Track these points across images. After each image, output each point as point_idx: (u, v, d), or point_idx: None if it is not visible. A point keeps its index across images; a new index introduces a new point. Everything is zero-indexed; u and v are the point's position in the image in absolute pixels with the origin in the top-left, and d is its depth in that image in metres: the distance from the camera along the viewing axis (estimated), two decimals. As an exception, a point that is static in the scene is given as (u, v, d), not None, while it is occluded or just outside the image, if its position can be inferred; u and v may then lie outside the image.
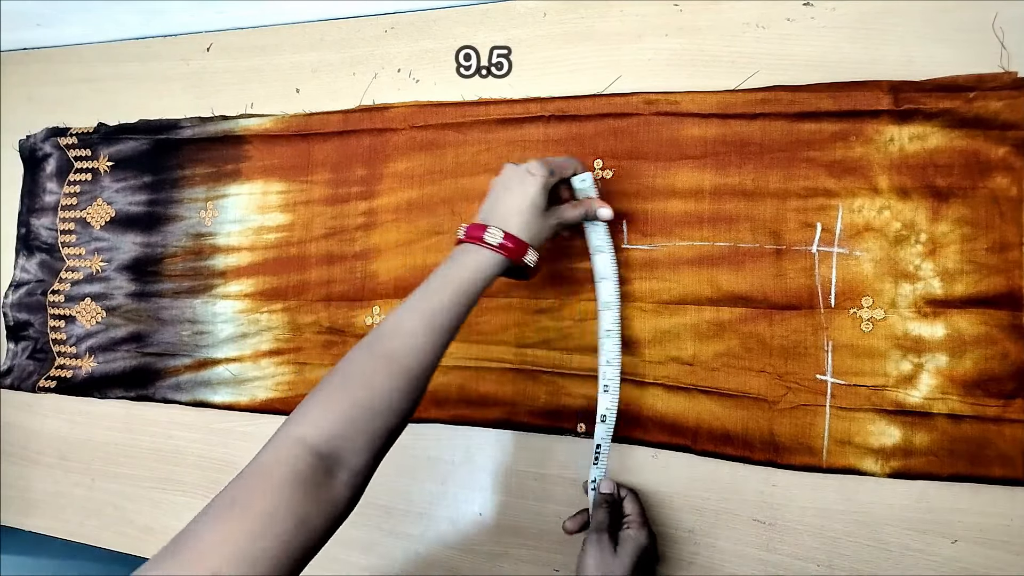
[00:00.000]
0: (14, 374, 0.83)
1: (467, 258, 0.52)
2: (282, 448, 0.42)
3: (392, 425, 0.46)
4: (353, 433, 0.44)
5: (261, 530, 0.38)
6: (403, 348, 0.47)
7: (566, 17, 0.67)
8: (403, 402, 0.47)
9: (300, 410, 0.45)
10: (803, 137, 0.58)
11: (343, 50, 0.74)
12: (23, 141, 0.86)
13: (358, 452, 0.44)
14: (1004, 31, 0.54)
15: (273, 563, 0.38)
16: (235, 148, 0.77)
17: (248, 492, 0.40)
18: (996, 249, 0.54)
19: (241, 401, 0.74)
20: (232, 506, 0.39)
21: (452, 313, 0.50)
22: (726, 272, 0.60)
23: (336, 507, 0.43)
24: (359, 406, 0.45)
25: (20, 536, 0.83)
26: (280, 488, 0.40)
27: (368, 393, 0.45)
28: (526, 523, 0.64)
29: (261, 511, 0.39)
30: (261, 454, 0.42)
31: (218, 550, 0.37)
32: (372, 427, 0.45)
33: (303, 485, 0.41)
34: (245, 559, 0.37)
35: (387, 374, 0.46)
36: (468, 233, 0.53)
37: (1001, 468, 0.52)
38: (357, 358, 0.47)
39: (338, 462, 0.43)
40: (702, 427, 0.59)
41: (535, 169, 0.54)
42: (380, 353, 0.47)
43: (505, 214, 0.54)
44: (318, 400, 0.45)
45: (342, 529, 0.68)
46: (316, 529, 0.41)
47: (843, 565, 0.56)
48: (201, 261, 0.77)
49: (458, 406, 0.66)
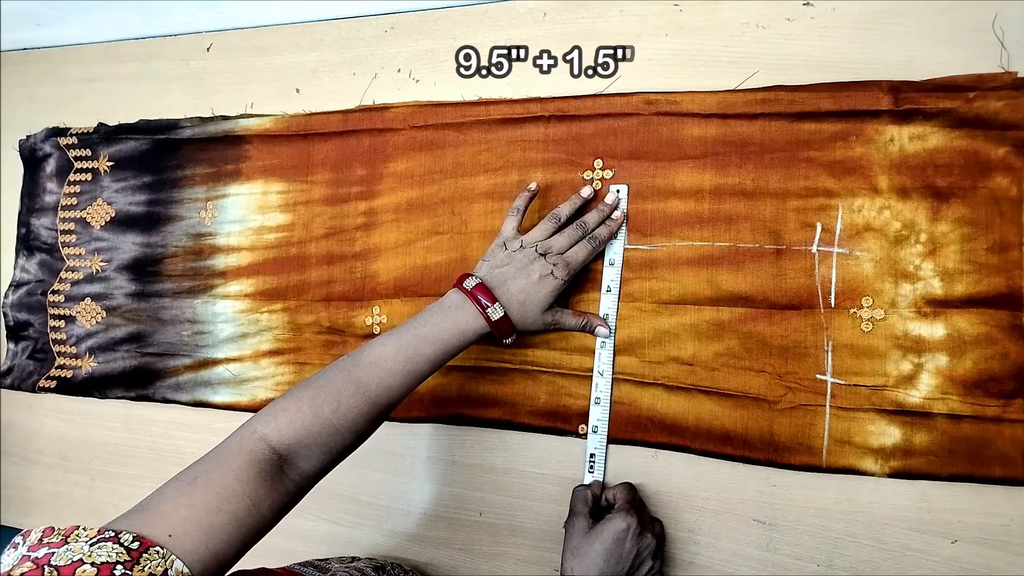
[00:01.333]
0: (14, 374, 0.83)
1: (462, 318, 0.55)
2: (246, 440, 0.47)
3: (348, 442, 0.51)
4: (312, 443, 0.49)
5: (218, 504, 0.42)
6: (377, 381, 0.52)
7: (566, 17, 0.67)
8: (364, 425, 0.51)
9: (270, 410, 0.49)
10: (803, 137, 0.58)
11: (343, 50, 0.74)
12: (23, 141, 0.86)
13: (311, 460, 0.49)
14: (1004, 31, 0.54)
15: (225, 536, 0.41)
16: (235, 148, 0.77)
17: (210, 470, 0.45)
18: (996, 249, 0.54)
19: (241, 401, 0.74)
20: (195, 480, 0.44)
21: (431, 364, 0.54)
22: (726, 272, 0.60)
23: (283, 499, 0.47)
24: (322, 421, 0.49)
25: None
26: (239, 471, 0.45)
27: (334, 413, 0.50)
28: (526, 523, 0.64)
29: (221, 487, 0.43)
30: (226, 441, 0.47)
31: (177, 514, 0.41)
32: (330, 442, 0.50)
33: (260, 473, 0.45)
34: (201, 527, 0.40)
35: (356, 399, 0.51)
36: (475, 291, 0.56)
37: (1001, 468, 0.52)
38: (333, 377, 0.52)
39: (292, 464, 0.48)
40: (702, 427, 0.59)
41: (560, 273, 0.57)
42: (355, 379, 0.51)
43: (513, 295, 0.56)
44: (287, 406, 0.49)
45: (342, 529, 0.68)
46: (264, 515, 0.45)
47: (843, 565, 0.56)
48: (201, 261, 0.77)
49: (458, 406, 0.66)
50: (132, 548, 0.36)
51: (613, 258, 0.62)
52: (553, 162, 0.65)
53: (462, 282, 0.57)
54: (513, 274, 0.57)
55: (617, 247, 0.62)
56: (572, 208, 0.61)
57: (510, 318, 0.56)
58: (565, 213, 0.60)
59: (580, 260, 0.58)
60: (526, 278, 0.56)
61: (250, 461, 0.45)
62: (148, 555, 0.36)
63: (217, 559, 0.40)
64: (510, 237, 0.59)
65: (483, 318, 0.55)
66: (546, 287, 0.56)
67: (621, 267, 0.62)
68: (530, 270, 0.57)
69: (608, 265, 0.62)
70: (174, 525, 0.39)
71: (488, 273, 0.58)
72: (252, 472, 0.45)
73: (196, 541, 0.39)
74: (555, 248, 0.58)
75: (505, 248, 0.59)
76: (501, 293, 0.56)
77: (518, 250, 0.58)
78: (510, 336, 0.58)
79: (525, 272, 0.57)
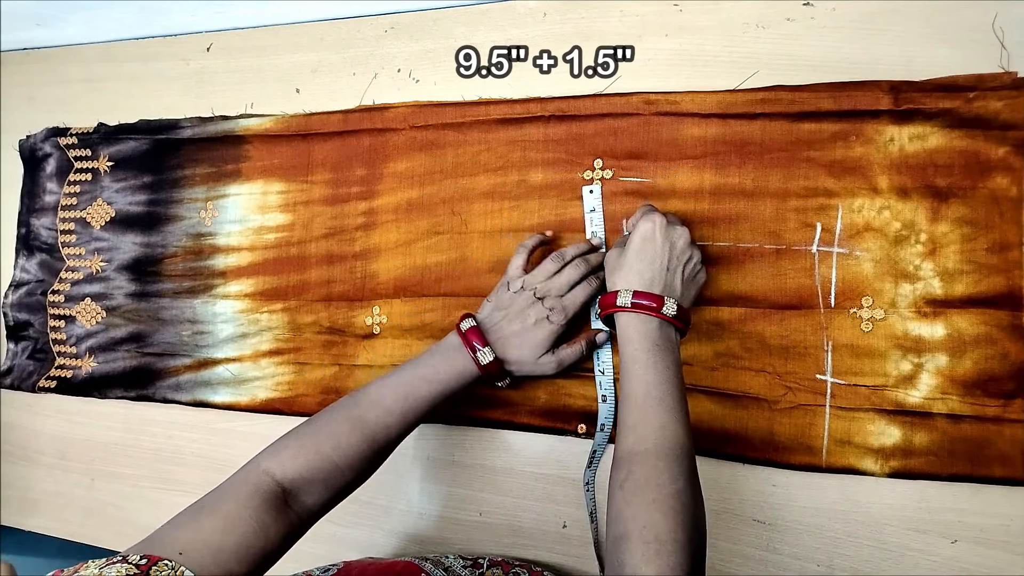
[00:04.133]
0: (14, 374, 0.83)
1: (458, 361, 0.56)
2: (251, 473, 0.49)
3: (349, 479, 0.52)
4: (313, 478, 0.50)
5: (225, 527, 0.43)
6: (376, 421, 0.53)
7: (566, 17, 0.67)
8: (364, 464, 0.53)
9: (273, 447, 0.51)
10: (803, 137, 0.58)
11: (343, 50, 0.74)
12: (23, 141, 0.86)
13: (313, 495, 0.50)
14: (1004, 31, 0.54)
15: (235, 557, 0.42)
16: (235, 148, 0.77)
17: (216, 499, 0.46)
18: (996, 249, 0.54)
19: (241, 401, 0.74)
20: (201, 508, 0.45)
21: (429, 403, 0.55)
22: (726, 272, 0.60)
23: (291, 527, 0.48)
24: (323, 458, 0.51)
25: (20, 536, 0.84)
26: (245, 499, 0.46)
27: (334, 451, 0.51)
28: (526, 523, 0.64)
29: (227, 512, 0.45)
30: (231, 477, 0.49)
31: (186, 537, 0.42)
32: (331, 478, 0.51)
33: (264, 502, 0.47)
34: (210, 547, 0.42)
35: (356, 438, 0.52)
36: (467, 336, 0.56)
37: (1001, 468, 0.52)
38: (334, 416, 0.53)
39: (295, 498, 0.50)
40: (702, 427, 0.59)
41: (556, 318, 0.57)
42: (355, 417, 0.53)
43: (506, 341, 0.57)
44: (289, 443, 0.51)
45: (342, 530, 0.68)
46: (273, 540, 0.46)
47: (843, 565, 0.56)
48: (201, 261, 0.77)
49: (458, 406, 0.66)
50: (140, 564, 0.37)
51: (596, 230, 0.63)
52: (553, 162, 0.65)
53: (462, 321, 0.57)
54: (510, 320, 0.57)
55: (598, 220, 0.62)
56: (578, 251, 0.60)
57: (501, 362, 0.56)
58: (570, 255, 0.59)
59: (578, 303, 0.57)
60: (521, 323, 0.56)
61: (255, 491, 0.47)
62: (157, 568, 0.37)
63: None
64: (514, 277, 0.59)
65: (473, 362, 0.55)
66: (541, 333, 0.56)
67: None
68: (526, 315, 0.57)
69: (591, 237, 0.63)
70: (184, 545, 0.41)
71: (488, 316, 0.58)
72: (257, 500, 0.46)
73: (206, 558, 0.40)
74: (554, 291, 0.57)
75: (508, 288, 0.58)
76: (496, 338, 0.56)
77: (518, 291, 0.58)
78: (502, 380, 0.58)
79: (521, 317, 0.57)
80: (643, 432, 0.47)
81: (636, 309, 0.52)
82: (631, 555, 0.41)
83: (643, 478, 0.45)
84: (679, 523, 0.42)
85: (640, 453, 0.46)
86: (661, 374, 0.49)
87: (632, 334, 0.51)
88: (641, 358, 0.50)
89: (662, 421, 0.47)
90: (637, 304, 0.51)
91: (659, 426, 0.47)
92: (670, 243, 0.53)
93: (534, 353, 0.57)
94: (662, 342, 0.51)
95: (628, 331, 0.52)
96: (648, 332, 0.51)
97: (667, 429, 0.47)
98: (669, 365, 0.50)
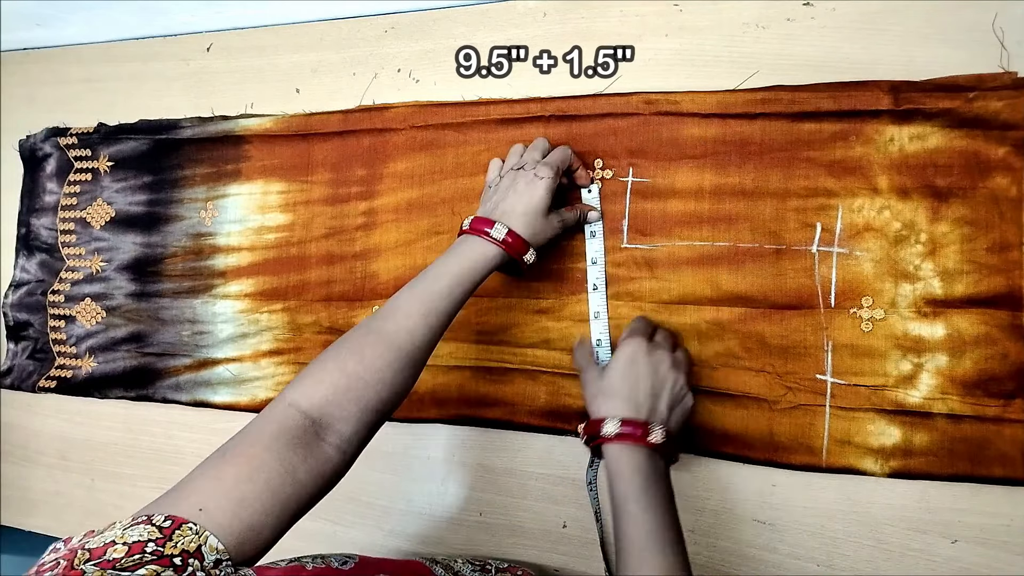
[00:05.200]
0: (14, 374, 0.83)
1: (469, 249, 0.54)
2: (275, 410, 0.45)
3: (383, 396, 0.48)
4: (342, 400, 0.46)
5: (249, 474, 0.40)
6: (397, 328, 0.49)
7: (566, 17, 0.67)
8: (394, 376, 0.48)
9: (296, 380, 0.47)
10: (803, 137, 0.58)
11: (343, 50, 0.74)
12: (23, 141, 0.86)
13: (347, 420, 0.46)
14: (1004, 31, 0.54)
15: (259, 506, 0.39)
16: (235, 148, 0.77)
17: (238, 444, 0.43)
18: (996, 249, 0.54)
19: (241, 401, 0.74)
20: (224, 455, 0.42)
21: (449, 299, 0.52)
22: (726, 272, 0.60)
23: (324, 465, 0.44)
24: (349, 375, 0.47)
25: (20, 536, 0.84)
26: (265, 440, 0.42)
27: (359, 365, 0.47)
28: (526, 523, 0.64)
29: (250, 457, 0.41)
30: (255, 418, 0.45)
31: (205, 489, 0.39)
32: (362, 396, 0.47)
33: (289, 439, 0.43)
34: (232, 498, 0.39)
35: (379, 348, 0.48)
36: (472, 226, 0.55)
37: (1001, 468, 0.52)
38: (353, 335, 0.49)
39: (326, 426, 0.45)
40: (702, 427, 0.59)
41: (543, 172, 0.56)
42: (375, 330, 0.49)
43: (510, 212, 0.56)
44: (312, 370, 0.47)
45: (342, 530, 0.68)
46: (304, 483, 0.42)
47: (843, 565, 0.56)
48: (201, 261, 0.77)
49: (458, 406, 0.66)
50: (164, 527, 0.36)
51: (595, 257, 0.63)
52: (553, 162, 0.65)
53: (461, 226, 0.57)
54: (503, 196, 0.57)
55: (597, 245, 0.63)
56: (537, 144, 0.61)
57: (517, 234, 0.55)
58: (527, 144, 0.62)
59: (556, 160, 0.58)
60: (515, 193, 0.56)
61: (280, 430, 0.43)
62: (181, 531, 0.36)
63: (253, 530, 0.39)
64: (492, 178, 0.61)
65: (490, 241, 0.54)
66: (537, 191, 0.56)
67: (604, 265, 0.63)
68: (515, 186, 0.57)
69: (591, 264, 0.63)
70: (204, 499, 0.38)
71: (482, 209, 0.58)
72: (282, 440, 0.43)
73: (228, 513, 0.38)
74: (528, 159, 0.58)
75: (489, 187, 0.60)
76: (499, 215, 0.56)
77: (499, 181, 0.59)
78: (527, 252, 0.56)
79: (512, 189, 0.57)
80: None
81: (623, 439, 0.50)
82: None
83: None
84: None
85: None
86: (659, 517, 0.48)
87: (623, 468, 0.50)
88: (634, 496, 0.48)
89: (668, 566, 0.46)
90: (623, 434, 0.50)
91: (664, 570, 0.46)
92: (653, 367, 0.53)
93: (538, 212, 0.56)
94: (654, 475, 0.49)
95: (618, 465, 0.50)
96: (639, 465, 0.49)
97: None
98: (664, 503, 0.49)
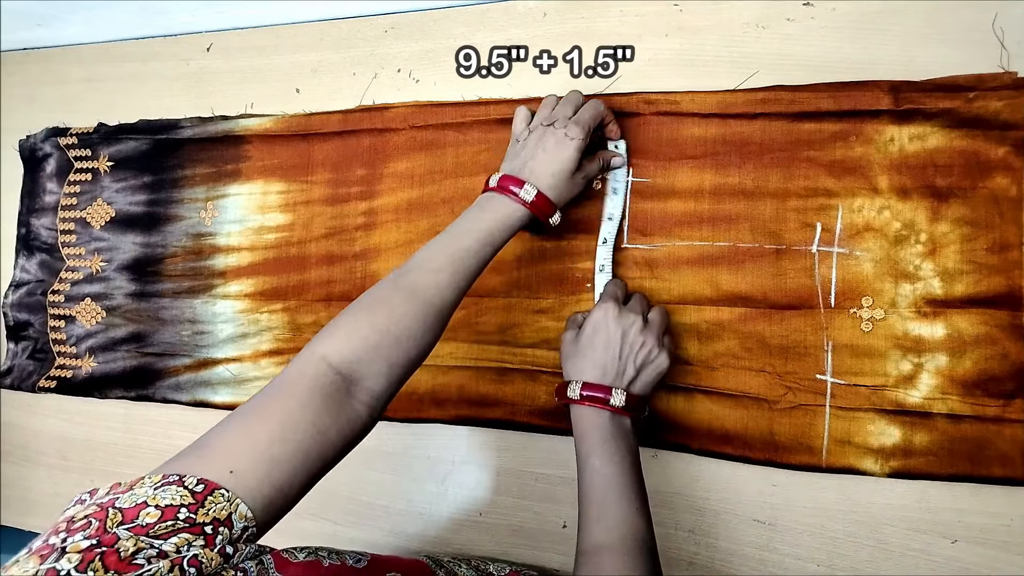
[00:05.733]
0: (14, 374, 0.83)
1: (497, 208, 0.54)
2: (306, 364, 0.44)
3: (412, 354, 0.48)
4: (373, 357, 0.46)
5: (280, 434, 0.40)
6: (426, 283, 0.49)
7: (566, 17, 0.67)
8: (423, 332, 0.48)
9: (325, 332, 0.46)
10: (803, 137, 0.58)
11: (343, 50, 0.74)
12: (23, 141, 0.86)
13: (377, 376, 0.46)
14: (1004, 31, 0.54)
15: (289, 467, 0.39)
16: (235, 148, 0.77)
17: (269, 400, 0.42)
18: (996, 249, 0.54)
19: (241, 401, 0.74)
20: (253, 411, 0.41)
21: (477, 257, 0.51)
22: (726, 272, 0.60)
23: (353, 424, 0.44)
24: (380, 331, 0.46)
25: (20, 536, 0.83)
26: (300, 397, 0.42)
27: (389, 321, 0.47)
28: (526, 523, 0.64)
29: (281, 417, 0.41)
30: (286, 370, 0.44)
31: (237, 448, 0.38)
32: (392, 353, 0.46)
33: (323, 398, 0.42)
34: (263, 459, 0.38)
35: (409, 304, 0.48)
36: (500, 183, 0.55)
37: (1001, 468, 0.52)
38: (382, 288, 0.49)
39: (357, 383, 0.45)
40: (702, 427, 0.59)
41: (573, 132, 0.55)
42: (404, 285, 0.49)
43: (539, 173, 0.55)
44: (341, 324, 0.47)
45: (342, 530, 0.68)
46: (333, 442, 0.42)
47: (843, 565, 0.56)
48: (201, 261, 0.77)
49: (458, 406, 0.66)
50: (196, 491, 0.35)
51: (616, 186, 0.62)
52: (553, 162, 0.65)
53: (487, 184, 0.56)
54: (531, 154, 0.56)
55: (618, 202, 0.62)
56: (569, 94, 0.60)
57: (545, 195, 0.54)
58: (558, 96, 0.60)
59: (588, 118, 0.57)
60: (544, 151, 0.55)
61: (313, 387, 0.43)
62: (213, 498, 0.35)
63: (282, 492, 0.39)
64: (520, 130, 0.59)
65: (518, 202, 0.54)
66: (566, 151, 0.55)
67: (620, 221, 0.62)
68: (544, 143, 0.56)
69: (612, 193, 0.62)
70: (236, 460, 0.38)
71: (510, 164, 0.57)
72: (317, 399, 0.42)
73: (259, 476, 0.38)
74: (560, 115, 0.57)
75: (517, 141, 0.59)
76: (527, 175, 0.55)
77: (527, 136, 0.58)
78: (553, 214, 0.56)
79: (541, 146, 0.56)
80: (607, 529, 0.47)
81: (585, 402, 0.52)
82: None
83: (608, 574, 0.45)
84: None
85: (605, 549, 0.46)
86: (618, 466, 0.49)
87: (585, 426, 0.52)
88: (596, 450, 0.50)
89: (624, 515, 0.48)
90: (585, 397, 0.52)
91: (621, 520, 0.47)
92: (622, 331, 0.53)
93: (567, 174, 0.55)
94: (616, 432, 0.51)
95: (581, 423, 0.53)
96: (601, 424, 0.52)
97: (630, 523, 0.47)
98: (625, 455, 0.50)
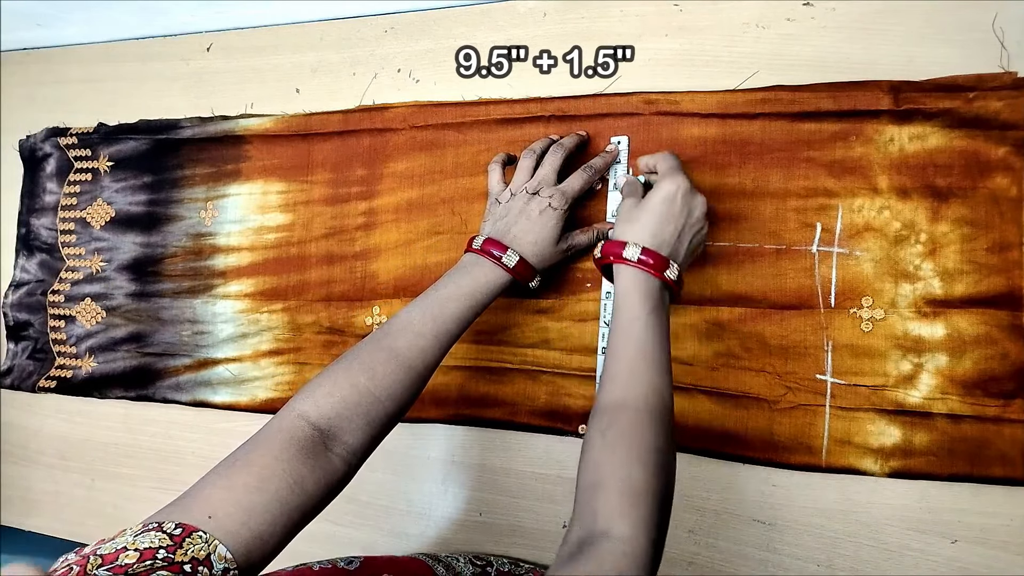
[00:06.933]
0: (14, 374, 0.83)
1: (480, 273, 0.55)
2: (285, 420, 0.46)
3: (391, 413, 0.50)
4: (352, 414, 0.48)
5: (258, 484, 0.41)
6: (409, 346, 0.51)
7: (566, 17, 0.67)
8: (403, 393, 0.50)
9: (306, 389, 0.48)
10: (803, 137, 0.58)
11: (343, 50, 0.74)
12: (23, 141, 0.86)
13: (355, 432, 0.48)
14: (1004, 31, 0.54)
15: (268, 516, 0.41)
16: (235, 148, 0.77)
17: (247, 453, 0.44)
18: (996, 249, 0.54)
19: (241, 401, 0.74)
20: (233, 463, 0.43)
21: (460, 321, 0.53)
22: (726, 272, 0.60)
23: (330, 476, 0.46)
24: (360, 391, 0.48)
25: (20, 536, 0.83)
26: (279, 450, 0.44)
27: (370, 381, 0.49)
28: (526, 523, 0.64)
29: (260, 467, 0.42)
30: (265, 425, 0.46)
31: (215, 497, 0.40)
32: (371, 411, 0.48)
33: (299, 450, 0.44)
34: (241, 507, 0.40)
35: (390, 366, 0.50)
36: (484, 247, 0.56)
37: (1001, 468, 0.52)
38: (364, 348, 0.51)
39: (335, 438, 0.47)
40: (702, 427, 0.59)
41: (557, 203, 0.57)
42: (387, 347, 0.51)
43: (521, 239, 0.57)
44: (322, 382, 0.49)
45: (343, 530, 0.68)
46: (311, 493, 0.44)
47: (843, 565, 0.56)
48: (201, 261, 0.77)
49: (458, 406, 0.66)
50: (175, 534, 0.37)
51: (618, 182, 0.61)
52: (553, 162, 0.65)
53: (471, 244, 0.58)
54: (515, 220, 0.57)
55: (621, 174, 0.62)
56: (545, 143, 0.62)
57: (527, 261, 0.56)
58: (539, 148, 0.61)
59: (576, 188, 0.58)
60: (527, 219, 0.57)
61: (289, 439, 0.44)
62: (191, 539, 0.37)
63: (261, 539, 0.40)
64: (498, 191, 0.61)
65: (501, 268, 0.55)
66: (549, 220, 0.57)
67: None
68: (528, 211, 0.57)
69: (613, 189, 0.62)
70: (213, 507, 0.39)
71: (492, 228, 0.58)
72: (291, 450, 0.44)
73: (237, 521, 0.39)
74: (544, 181, 0.58)
75: (498, 203, 0.60)
76: (510, 240, 0.56)
77: (510, 199, 0.59)
78: (533, 279, 0.58)
79: (524, 214, 0.57)
80: (633, 388, 0.47)
81: (641, 266, 0.51)
82: (606, 503, 0.41)
83: (628, 430, 0.45)
84: (658, 478, 0.43)
85: (627, 407, 0.46)
86: (656, 335, 0.49)
87: (632, 290, 0.51)
88: (641, 316, 0.50)
89: (653, 381, 0.47)
90: (643, 261, 0.51)
91: (649, 384, 0.47)
92: (688, 210, 0.52)
93: (550, 242, 0.57)
94: (660, 304, 0.51)
95: (628, 285, 0.51)
96: (650, 291, 0.51)
97: (657, 390, 0.47)
98: (664, 331, 0.50)
